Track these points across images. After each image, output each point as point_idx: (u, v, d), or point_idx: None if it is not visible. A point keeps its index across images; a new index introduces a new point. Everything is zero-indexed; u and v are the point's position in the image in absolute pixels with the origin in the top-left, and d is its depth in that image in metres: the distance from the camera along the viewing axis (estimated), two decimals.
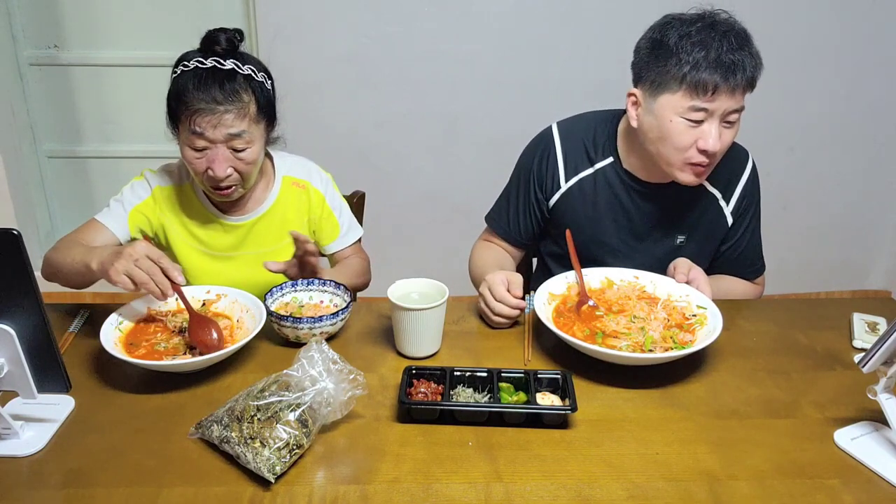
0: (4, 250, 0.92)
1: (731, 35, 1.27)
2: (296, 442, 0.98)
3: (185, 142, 1.37)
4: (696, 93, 1.26)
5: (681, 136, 1.31)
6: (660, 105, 1.31)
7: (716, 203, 1.51)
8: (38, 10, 2.74)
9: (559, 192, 1.53)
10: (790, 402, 1.16)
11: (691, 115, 1.29)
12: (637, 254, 1.52)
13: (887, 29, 2.74)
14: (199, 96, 1.31)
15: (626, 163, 1.48)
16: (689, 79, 1.26)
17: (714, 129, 1.29)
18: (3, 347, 0.98)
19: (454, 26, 2.66)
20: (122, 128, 2.93)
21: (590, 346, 1.19)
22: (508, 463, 1.01)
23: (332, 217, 1.62)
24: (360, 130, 2.80)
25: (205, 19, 2.68)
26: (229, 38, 1.37)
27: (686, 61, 1.25)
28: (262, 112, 1.40)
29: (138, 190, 1.51)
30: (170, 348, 1.23)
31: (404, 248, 2.98)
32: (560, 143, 1.53)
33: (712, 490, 0.96)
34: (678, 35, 1.28)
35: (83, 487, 0.96)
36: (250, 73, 1.37)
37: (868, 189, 3.03)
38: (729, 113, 1.30)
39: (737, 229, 1.54)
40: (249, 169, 1.41)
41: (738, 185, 1.51)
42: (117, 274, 1.17)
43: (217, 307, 1.34)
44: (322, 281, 1.41)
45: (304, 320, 1.26)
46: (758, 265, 1.61)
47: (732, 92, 1.27)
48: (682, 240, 1.52)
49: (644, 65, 1.34)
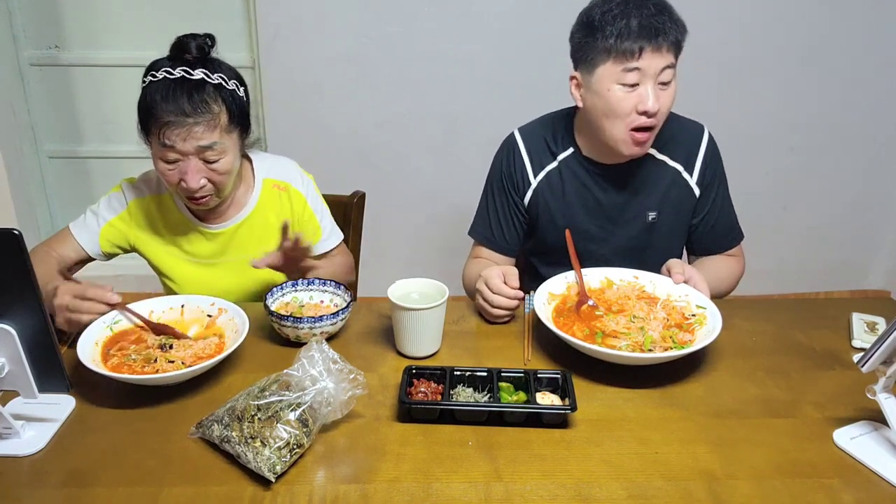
0: (5, 250, 0.92)
1: (649, 3, 1.35)
2: (296, 441, 0.98)
3: (156, 154, 1.34)
4: (624, 57, 1.34)
5: (620, 103, 1.37)
6: (597, 79, 1.38)
7: (679, 176, 1.56)
8: (39, 11, 2.74)
9: (531, 189, 1.59)
10: (790, 401, 1.17)
11: (626, 77, 1.35)
12: (613, 236, 1.58)
13: (887, 29, 2.74)
14: (168, 108, 1.28)
15: (585, 150, 1.55)
16: (616, 47, 1.34)
17: (650, 89, 1.35)
18: (4, 347, 0.98)
19: (454, 26, 2.66)
20: (123, 128, 2.92)
21: (589, 346, 1.19)
22: (508, 462, 1.01)
23: (313, 219, 1.60)
24: (360, 130, 2.80)
25: (205, 19, 2.69)
26: (199, 44, 1.34)
27: (611, 32, 1.34)
28: (234, 121, 1.37)
29: (114, 203, 1.50)
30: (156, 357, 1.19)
31: (404, 248, 2.98)
32: (523, 143, 1.60)
33: (712, 489, 0.97)
34: (601, 12, 1.36)
35: (84, 487, 0.96)
36: (220, 81, 1.34)
37: (868, 189, 3.03)
38: (661, 71, 1.35)
39: (706, 200, 1.59)
40: (223, 179, 1.38)
41: (699, 156, 1.56)
42: (61, 321, 1.22)
43: (220, 321, 1.30)
44: (322, 281, 1.41)
45: (304, 320, 1.26)
46: (734, 233, 1.65)
47: (658, 50, 1.33)
48: (654, 216, 1.56)
49: (578, 47, 1.43)
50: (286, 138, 2.76)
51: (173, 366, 1.16)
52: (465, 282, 1.67)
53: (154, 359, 1.17)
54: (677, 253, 1.64)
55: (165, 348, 1.21)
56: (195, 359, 1.18)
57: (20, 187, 2.88)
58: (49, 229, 3.06)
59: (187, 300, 1.32)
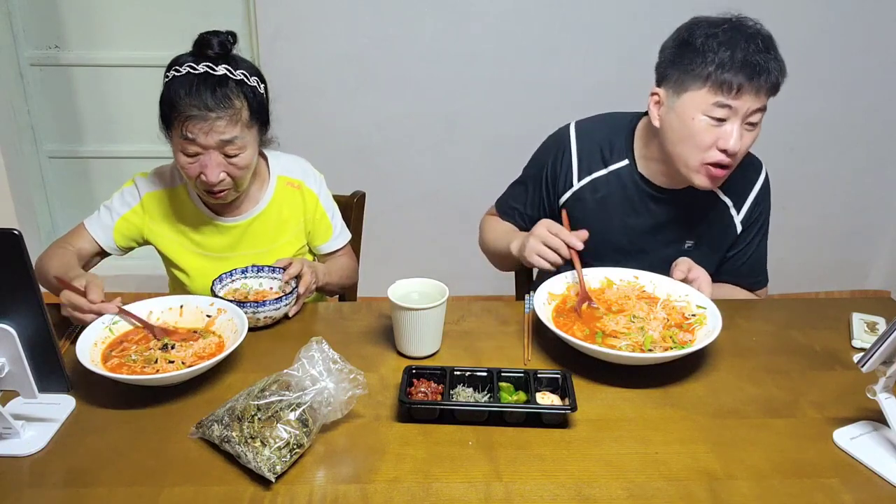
0: (5, 250, 0.92)
1: (757, 38, 1.28)
2: (296, 441, 0.98)
3: (177, 147, 1.36)
4: (720, 90, 1.27)
5: (702, 135, 1.31)
6: (683, 103, 1.32)
7: (727, 211, 1.52)
8: (39, 10, 2.74)
9: (570, 191, 1.55)
10: (790, 401, 1.17)
11: (715, 111, 1.29)
12: (644, 255, 1.53)
13: (887, 29, 2.74)
14: (191, 102, 1.30)
15: (642, 166, 1.49)
16: (714, 77, 1.26)
17: (736, 129, 1.29)
18: (4, 347, 0.98)
19: (454, 26, 2.66)
20: (123, 128, 2.93)
21: (590, 346, 1.19)
22: (508, 462, 1.01)
23: (325, 218, 1.63)
24: (360, 130, 2.80)
25: (205, 19, 2.69)
26: (222, 41, 1.36)
27: (712, 60, 1.26)
28: (254, 117, 1.39)
29: (127, 197, 1.52)
30: (156, 358, 1.19)
31: (404, 248, 2.98)
32: (576, 143, 1.54)
33: (712, 489, 0.97)
34: (705, 35, 1.29)
35: (84, 487, 0.96)
36: (242, 78, 1.36)
37: (868, 189, 3.03)
38: (751, 113, 1.30)
39: (745, 237, 1.55)
40: (242, 173, 1.41)
41: (751, 195, 1.52)
42: (66, 315, 1.26)
43: (219, 321, 1.30)
44: (271, 268, 1.44)
45: (247, 305, 1.28)
46: (760, 278, 1.61)
47: (756, 92, 1.27)
48: (691, 245, 1.53)
49: (669, 64, 1.35)
50: (286, 138, 2.73)
51: (173, 366, 1.16)
52: (484, 233, 1.66)
53: (154, 359, 1.17)
54: None
55: (167, 348, 1.21)
56: (195, 359, 1.18)
57: (20, 187, 2.89)
58: (49, 229, 3.06)
59: (186, 300, 1.33)
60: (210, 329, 1.29)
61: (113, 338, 1.24)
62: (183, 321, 1.31)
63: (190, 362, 1.17)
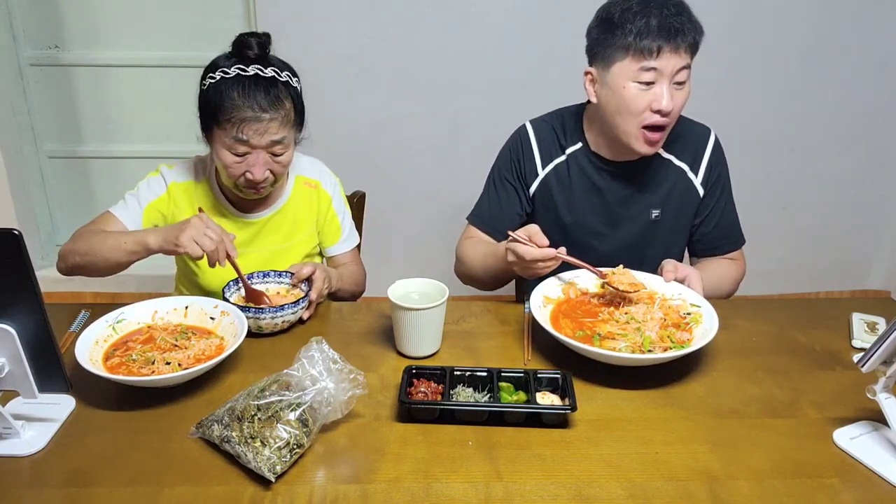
0: (5, 250, 0.92)
1: (669, 4, 1.37)
2: (296, 441, 0.98)
3: (223, 146, 1.38)
4: (643, 55, 1.36)
5: (635, 101, 1.39)
6: (612, 75, 1.40)
7: (685, 176, 1.58)
8: (39, 10, 2.74)
9: (537, 180, 1.61)
10: (790, 401, 1.17)
11: (642, 76, 1.37)
12: (616, 232, 1.59)
13: (887, 29, 2.74)
14: (246, 104, 1.33)
15: (594, 145, 1.57)
16: (635, 45, 1.35)
17: (665, 89, 1.37)
18: (4, 347, 0.98)
19: (454, 26, 2.66)
20: (123, 128, 2.93)
21: (588, 348, 1.19)
22: (508, 462, 1.01)
23: (335, 220, 1.65)
24: (360, 130, 2.80)
25: (205, 19, 2.69)
26: (261, 42, 1.39)
27: (630, 30, 1.35)
28: (298, 117, 1.43)
29: (154, 186, 1.52)
30: (154, 359, 1.18)
31: (404, 248, 2.98)
32: (534, 136, 1.62)
33: (712, 489, 0.97)
34: (621, 10, 1.38)
35: (84, 487, 0.96)
36: (288, 79, 1.39)
37: (867, 189, 3.03)
38: (677, 72, 1.37)
39: (709, 201, 1.61)
40: (284, 170, 1.46)
41: (704, 157, 1.59)
42: (189, 241, 1.27)
43: (222, 322, 1.30)
44: (277, 272, 1.46)
45: (266, 310, 1.29)
46: (736, 236, 1.66)
47: (676, 50, 1.36)
48: (657, 214, 1.58)
49: (595, 43, 1.45)
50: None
51: (169, 368, 1.15)
52: (461, 258, 1.65)
53: (153, 360, 1.18)
54: (678, 252, 1.64)
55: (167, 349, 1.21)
56: (195, 360, 1.18)
57: (20, 187, 2.88)
58: (49, 229, 3.06)
59: (192, 301, 1.33)
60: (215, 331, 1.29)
61: (116, 337, 1.24)
62: (188, 322, 1.32)
63: (190, 363, 1.17)
